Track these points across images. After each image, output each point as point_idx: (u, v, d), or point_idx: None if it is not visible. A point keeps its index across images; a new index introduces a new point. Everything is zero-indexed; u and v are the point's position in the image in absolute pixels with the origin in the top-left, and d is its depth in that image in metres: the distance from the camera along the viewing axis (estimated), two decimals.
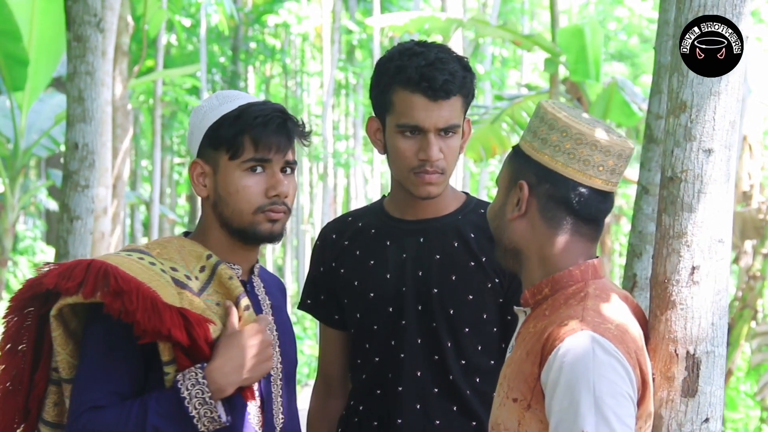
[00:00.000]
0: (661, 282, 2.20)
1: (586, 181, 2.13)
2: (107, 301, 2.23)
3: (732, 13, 2.16)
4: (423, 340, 2.71)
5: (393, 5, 23.61)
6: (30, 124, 10.92)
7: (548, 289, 2.14)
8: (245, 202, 2.40)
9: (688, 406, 2.17)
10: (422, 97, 2.64)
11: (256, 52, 25.01)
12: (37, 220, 18.13)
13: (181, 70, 15.77)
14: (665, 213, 2.21)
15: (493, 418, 2.14)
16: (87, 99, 5.11)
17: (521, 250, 2.18)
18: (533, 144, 2.16)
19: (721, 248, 2.18)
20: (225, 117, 2.42)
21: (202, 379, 2.25)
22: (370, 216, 2.85)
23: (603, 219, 2.20)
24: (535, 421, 2.03)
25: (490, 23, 11.05)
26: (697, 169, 2.17)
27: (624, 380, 1.98)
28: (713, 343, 2.18)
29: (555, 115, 2.14)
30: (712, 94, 2.16)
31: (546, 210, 2.14)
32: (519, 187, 2.15)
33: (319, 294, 2.88)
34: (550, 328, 2.05)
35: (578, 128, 2.12)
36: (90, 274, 2.25)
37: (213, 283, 2.40)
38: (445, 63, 2.65)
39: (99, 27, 5.11)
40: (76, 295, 2.25)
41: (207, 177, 2.44)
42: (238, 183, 2.40)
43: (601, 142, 2.12)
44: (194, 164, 2.45)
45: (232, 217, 2.42)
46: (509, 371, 2.12)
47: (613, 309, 2.08)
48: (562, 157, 2.12)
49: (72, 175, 5.12)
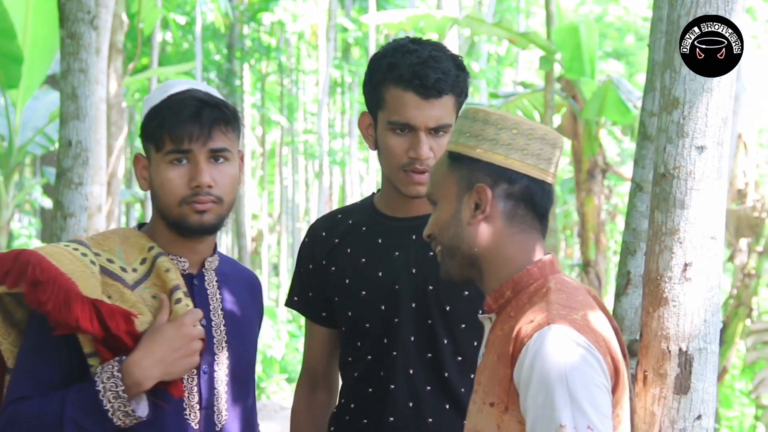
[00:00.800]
0: (654, 279, 2.20)
1: (540, 175, 2.14)
2: (26, 291, 2.25)
3: (724, 9, 2.17)
4: (417, 338, 2.70)
5: (388, 3, 23.59)
6: (24, 121, 10.91)
7: (510, 291, 2.14)
8: (170, 194, 2.39)
9: (680, 402, 2.17)
10: (414, 95, 2.63)
11: (251, 50, 24.99)
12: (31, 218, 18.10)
13: (176, 68, 15.74)
14: (658, 210, 2.21)
15: (471, 426, 2.13)
16: (81, 96, 5.10)
17: (481, 254, 2.16)
18: (481, 146, 2.14)
19: (714, 245, 2.18)
20: (152, 109, 2.43)
21: (117, 372, 2.24)
22: (361, 213, 2.84)
23: (549, 212, 2.20)
24: (514, 422, 2.02)
25: (485, 21, 11.03)
26: (690, 166, 2.17)
27: (596, 370, 1.97)
28: (706, 340, 2.18)
29: (498, 114, 2.15)
30: (705, 90, 2.16)
31: (506, 209, 2.14)
32: (477, 191, 2.14)
33: (306, 291, 2.87)
34: (518, 327, 2.04)
35: (527, 123, 2.13)
36: (17, 264, 2.26)
37: (152, 275, 2.39)
38: (438, 61, 2.64)
39: (93, 24, 5.11)
40: (4, 285, 2.27)
41: (146, 170, 2.45)
42: (163, 176, 2.39)
43: (548, 136, 2.14)
44: (137, 158, 2.45)
45: (164, 210, 2.42)
46: (483, 377, 2.12)
47: (576, 300, 2.07)
48: (516, 154, 2.13)
49: (66, 172, 5.11)
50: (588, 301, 2.10)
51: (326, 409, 2.90)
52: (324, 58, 22.27)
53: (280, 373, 14.09)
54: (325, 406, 2.91)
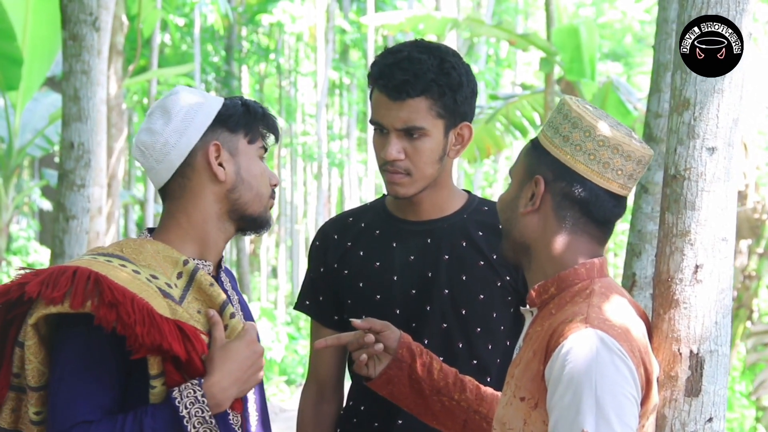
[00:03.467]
0: (665, 281, 2.19)
1: (603, 183, 2.11)
2: (101, 312, 2.12)
3: (735, 11, 2.15)
4: (431, 342, 2.68)
5: (387, 5, 23.59)
6: (24, 123, 10.90)
7: (554, 288, 2.13)
8: (265, 186, 2.38)
9: (691, 405, 2.16)
10: (382, 95, 2.62)
11: (249, 52, 24.98)
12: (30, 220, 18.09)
13: (176, 70, 15.74)
14: (668, 211, 2.19)
15: (498, 417, 2.13)
16: (83, 98, 5.10)
17: (530, 245, 2.16)
18: (554, 140, 2.13)
19: (725, 246, 2.17)
20: (229, 105, 2.38)
21: (201, 397, 2.17)
22: (372, 215, 2.82)
23: (614, 222, 2.18)
24: (539, 421, 2.02)
25: (485, 23, 11.05)
26: (701, 168, 2.15)
27: (627, 380, 1.96)
28: (717, 342, 2.17)
29: (579, 113, 2.12)
30: (716, 91, 2.15)
31: (560, 208, 2.12)
32: (535, 182, 2.13)
33: (317, 295, 2.84)
34: (555, 325, 2.04)
35: (602, 129, 2.10)
36: (78, 283, 2.14)
37: (192, 289, 2.30)
38: (415, 63, 2.60)
39: (95, 26, 5.10)
40: (61, 305, 2.14)
41: (224, 161, 2.34)
42: (259, 166, 2.38)
43: (623, 147, 2.11)
44: (213, 146, 2.33)
45: (252, 202, 2.37)
46: (517, 370, 2.11)
47: (617, 307, 2.07)
48: (582, 156, 2.11)
49: (68, 174, 5.10)
50: (629, 310, 2.09)
51: (334, 419, 2.85)
52: (322, 59, 22.26)
53: (280, 375, 14.08)
54: (333, 416, 2.85)
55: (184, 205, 2.35)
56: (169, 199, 2.37)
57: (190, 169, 2.34)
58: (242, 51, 24.60)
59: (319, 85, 22.23)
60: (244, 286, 23.06)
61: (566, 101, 2.16)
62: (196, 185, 2.34)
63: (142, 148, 2.35)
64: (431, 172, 2.64)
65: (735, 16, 2.15)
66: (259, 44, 25.25)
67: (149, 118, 2.37)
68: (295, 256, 27.74)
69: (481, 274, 2.68)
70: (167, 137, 2.32)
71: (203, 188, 2.34)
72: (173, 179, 2.35)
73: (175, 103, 2.34)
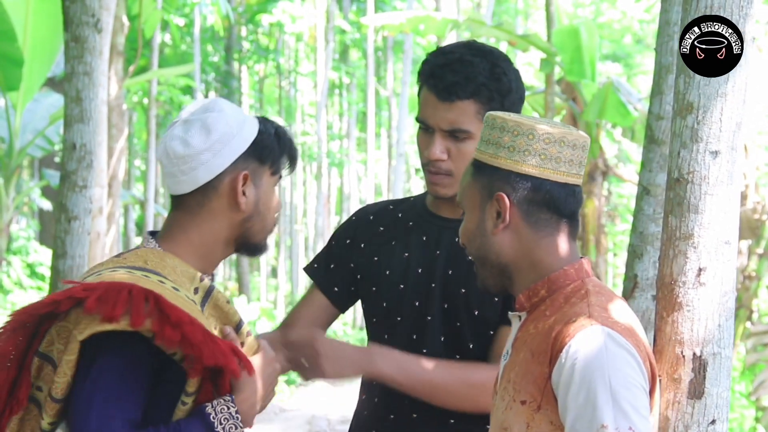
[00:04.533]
0: (668, 284, 2.19)
1: (560, 178, 2.13)
2: (166, 332, 2.12)
3: (738, 15, 2.16)
4: (446, 339, 2.70)
5: (386, 5, 23.60)
6: (25, 123, 10.91)
7: (545, 290, 2.14)
8: (272, 218, 2.42)
9: (694, 407, 2.16)
10: (430, 94, 2.64)
11: (249, 52, 24.98)
12: (30, 220, 18.09)
13: (176, 70, 15.74)
14: (672, 214, 2.20)
15: (498, 422, 2.13)
16: (85, 99, 5.10)
17: (509, 262, 2.16)
18: (498, 154, 2.14)
19: (728, 250, 2.17)
20: (264, 133, 2.38)
21: (236, 414, 2.20)
22: (411, 208, 2.84)
23: (578, 213, 2.20)
24: (545, 422, 2.03)
25: (486, 23, 11.04)
26: (704, 171, 2.16)
27: (637, 372, 1.98)
28: (720, 345, 2.17)
29: (515, 120, 2.13)
30: (719, 95, 2.15)
31: (529, 215, 2.13)
32: (497, 200, 2.13)
33: (329, 262, 2.86)
34: (558, 327, 2.04)
35: (543, 128, 2.12)
36: (137, 303, 2.13)
37: (208, 305, 2.33)
38: (466, 65, 2.61)
39: (97, 27, 5.11)
40: (117, 323, 2.12)
41: (248, 189, 2.35)
42: (275, 199, 2.42)
43: (567, 138, 2.13)
44: (243, 176, 2.33)
45: (260, 232, 2.40)
46: (514, 374, 2.11)
47: (615, 304, 2.08)
48: (533, 159, 2.12)
49: (70, 175, 5.10)
50: (625, 306, 2.11)
51: None
52: (322, 59, 22.27)
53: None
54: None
55: (198, 223, 2.35)
56: (183, 211, 2.36)
57: (213, 191, 2.33)
58: (242, 51, 24.61)
59: (319, 85, 22.24)
60: (244, 286, 23.07)
61: (495, 115, 2.17)
62: (215, 207, 2.34)
63: (171, 155, 2.33)
64: None
65: (738, 20, 2.16)
66: (258, 44, 25.26)
67: (187, 129, 2.33)
68: (294, 256, 27.74)
69: None
70: (201, 154, 2.31)
71: (221, 212, 2.35)
72: (193, 194, 2.34)
73: (217, 122, 2.32)
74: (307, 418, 11.81)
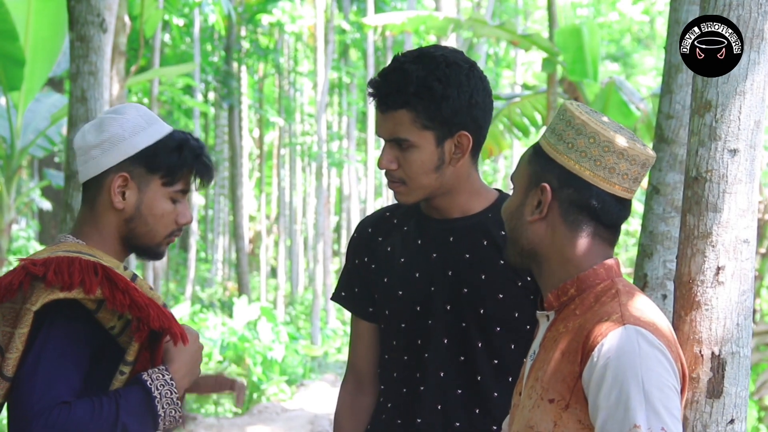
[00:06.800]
0: (686, 282, 2.19)
1: (609, 188, 2.11)
2: (117, 297, 2.32)
3: (758, 12, 2.15)
4: (450, 341, 2.69)
5: (386, 5, 23.60)
6: (26, 123, 10.88)
7: (574, 289, 2.13)
8: (163, 226, 2.52)
9: (713, 407, 2.16)
10: (375, 105, 2.67)
11: (249, 52, 24.98)
12: (30, 220, 18.08)
13: (177, 69, 15.73)
14: (690, 213, 2.19)
15: (524, 421, 2.12)
16: (90, 99, 5.10)
17: (539, 252, 2.16)
18: (557, 147, 2.13)
19: (746, 248, 2.17)
20: (162, 144, 2.50)
21: (171, 380, 2.38)
22: (406, 212, 2.84)
23: (621, 225, 2.18)
24: (573, 421, 2.02)
25: (487, 23, 11.03)
26: (722, 169, 2.15)
27: (669, 372, 1.97)
28: (738, 344, 2.17)
29: (583, 120, 2.11)
30: (738, 93, 2.15)
31: (567, 214, 2.12)
32: (540, 190, 2.13)
33: (353, 286, 2.87)
34: (589, 326, 2.03)
35: (606, 135, 2.10)
36: (87, 272, 2.32)
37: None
38: (399, 74, 2.59)
39: (102, 27, 5.10)
40: (70, 291, 2.30)
41: (129, 191, 2.49)
42: (163, 208, 2.52)
43: (628, 152, 2.10)
44: (120, 177, 2.48)
45: (145, 236, 2.52)
46: (542, 373, 2.10)
47: (646, 304, 2.08)
48: (587, 163, 2.10)
49: (75, 175, 5.10)
50: (655, 306, 2.11)
51: (370, 411, 2.87)
52: (322, 59, 22.26)
53: (280, 375, 14.05)
54: (369, 408, 2.87)
55: (95, 216, 2.52)
56: (84, 203, 2.54)
57: (100, 187, 2.50)
58: (242, 51, 24.60)
59: (319, 85, 22.22)
60: (244, 286, 23.06)
61: (568, 107, 2.15)
62: (101, 203, 2.51)
63: (74, 145, 2.55)
64: (428, 182, 2.64)
65: (757, 18, 2.15)
66: (258, 44, 25.25)
67: (91, 124, 2.54)
68: (294, 256, 27.75)
69: (501, 273, 2.67)
70: (92, 149, 2.50)
71: (105, 209, 2.51)
72: (88, 186, 2.53)
73: (111, 123, 2.50)
74: (309, 418, 11.79)
